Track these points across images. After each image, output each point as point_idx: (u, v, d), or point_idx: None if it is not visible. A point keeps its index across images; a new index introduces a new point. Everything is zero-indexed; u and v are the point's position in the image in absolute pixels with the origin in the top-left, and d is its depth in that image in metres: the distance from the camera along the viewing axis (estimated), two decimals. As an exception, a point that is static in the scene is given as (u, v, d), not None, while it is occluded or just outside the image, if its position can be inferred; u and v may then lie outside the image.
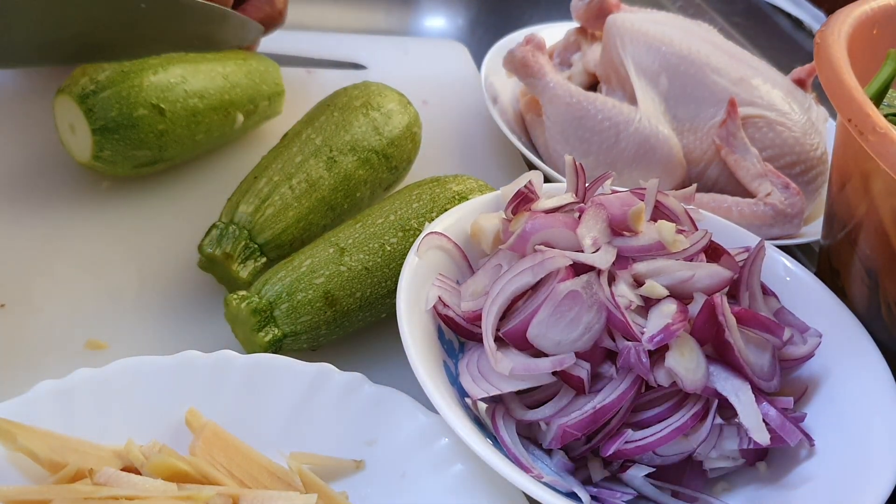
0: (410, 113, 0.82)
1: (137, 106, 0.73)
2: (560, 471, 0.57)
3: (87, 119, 0.73)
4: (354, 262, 0.66)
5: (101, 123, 0.73)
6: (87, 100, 0.72)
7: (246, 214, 0.69)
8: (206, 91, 0.79)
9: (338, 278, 0.65)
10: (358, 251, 0.67)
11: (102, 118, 0.73)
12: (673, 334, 0.54)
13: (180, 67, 0.77)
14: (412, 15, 1.34)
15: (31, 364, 0.63)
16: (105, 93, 0.73)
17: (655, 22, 0.96)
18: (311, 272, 0.65)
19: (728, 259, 0.63)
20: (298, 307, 0.64)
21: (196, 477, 0.52)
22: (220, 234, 0.69)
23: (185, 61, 0.78)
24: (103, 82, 0.73)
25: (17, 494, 0.48)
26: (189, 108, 0.77)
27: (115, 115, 0.73)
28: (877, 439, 0.58)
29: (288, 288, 0.64)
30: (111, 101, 0.73)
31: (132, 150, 0.75)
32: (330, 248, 0.67)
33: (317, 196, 0.72)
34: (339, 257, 0.66)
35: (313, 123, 0.77)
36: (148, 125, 0.74)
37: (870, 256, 0.65)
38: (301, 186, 0.72)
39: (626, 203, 0.61)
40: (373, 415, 0.59)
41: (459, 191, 0.74)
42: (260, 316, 0.63)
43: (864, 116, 0.58)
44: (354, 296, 0.66)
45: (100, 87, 0.73)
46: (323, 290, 0.65)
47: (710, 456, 0.59)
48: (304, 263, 0.66)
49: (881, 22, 0.73)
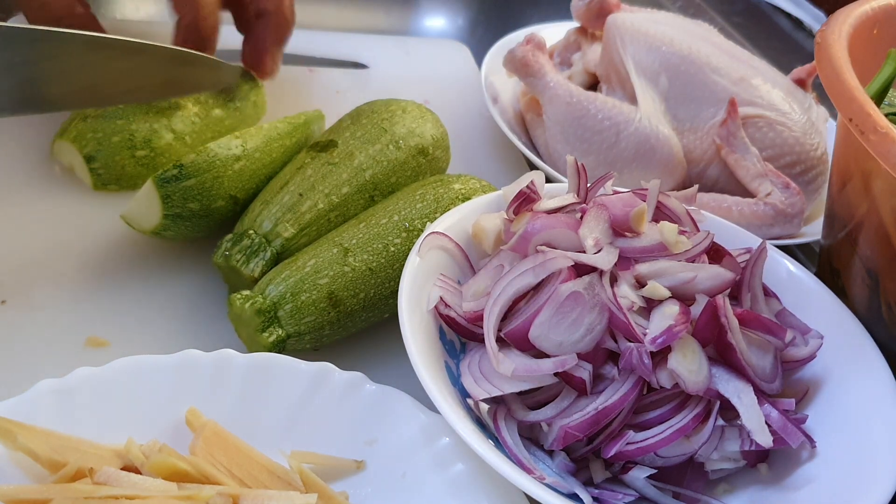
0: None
1: (218, 198, 0.70)
2: (561, 472, 0.57)
3: (163, 204, 0.68)
4: (358, 262, 0.66)
5: (176, 211, 0.68)
6: (167, 185, 0.67)
7: (282, 239, 0.68)
8: (273, 170, 0.75)
9: (342, 279, 0.65)
10: (362, 251, 0.67)
11: (180, 206, 0.68)
12: (675, 336, 0.54)
13: (259, 150, 0.73)
14: (412, 14, 1.34)
15: (32, 361, 0.63)
16: (188, 181, 0.68)
17: (655, 22, 0.96)
18: (315, 272, 0.65)
19: (730, 260, 0.63)
20: (302, 307, 0.64)
21: (196, 476, 0.52)
22: (252, 251, 0.67)
23: (263, 140, 0.74)
24: (188, 169, 0.68)
25: (17, 494, 0.48)
26: (257, 190, 0.73)
27: (194, 207, 0.69)
28: (878, 441, 0.58)
29: (292, 288, 0.64)
30: (193, 193, 0.68)
31: (196, 232, 0.71)
32: (334, 249, 0.66)
33: None
34: (343, 258, 0.66)
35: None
36: (221, 214, 0.71)
37: (870, 256, 0.65)
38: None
39: (627, 204, 0.61)
40: (373, 414, 0.59)
41: (463, 191, 0.73)
42: (264, 316, 0.63)
43: (864, 116, 0.58)
44: (358, 296, 0.66)
45: (183, 175, 0.68)
46: (327, 291, 0.64)
47: (712, 457, 0.59)
48: (308, 264, 0.65)
49: (882, 22, 0.73)
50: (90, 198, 0.78)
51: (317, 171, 0.71)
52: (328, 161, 0.72)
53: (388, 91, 1.02)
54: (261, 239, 0.68)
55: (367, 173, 0.73)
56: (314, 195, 0.70)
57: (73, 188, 0.78)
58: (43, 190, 0.78)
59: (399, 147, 0.75)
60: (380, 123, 0.76)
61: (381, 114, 0.77)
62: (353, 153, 0.73)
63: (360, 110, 0.78)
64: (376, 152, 0.74)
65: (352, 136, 0.74)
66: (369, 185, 0.73)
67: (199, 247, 0.74)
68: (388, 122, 0.76)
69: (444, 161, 0.81)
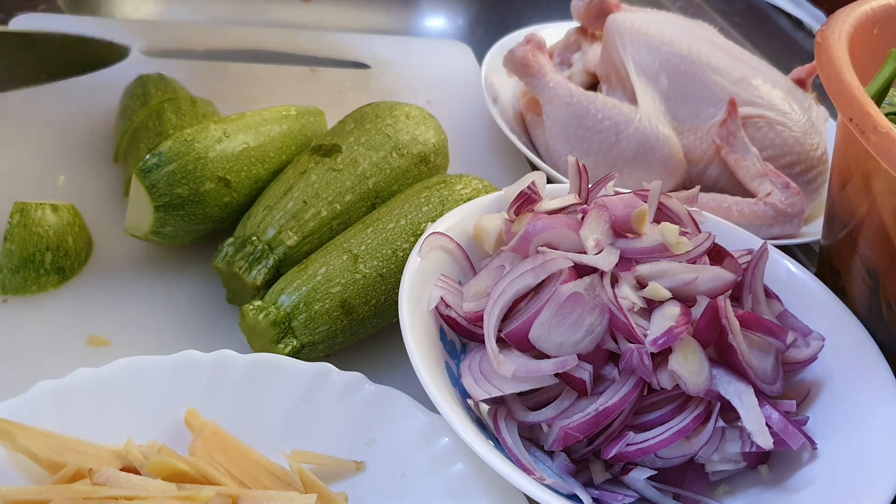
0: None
1: (204, 180, 0.68)
2: (562, 473, 0.57)
3: (151, 196, 0.66)
4: (369, 269, 0.66)
5: (164, 200, 0.67)
6: (148, 175, 0.66)
7: (285, 247, 0.68)
8: (267, 155, 0.73)
9: (353, 286, 0.65)
10: (371, 258, 0.66)
11: (167, 194, 0.67)
12: (676, 337, 0.54)
13: (242, 132, 0.72)
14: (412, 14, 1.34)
15: (34, 359, 0.63)
16: (169, 166, 0.66)
17: (656, 22, 0.96)
18: (328, 281, 0.64)
19: (731, 261, 0.63)
20: (316, 317, 0.64)
21: (195, 477, 0.52)
22: (254, 259, 0.67)
23: (245, 124, 0.73)
24: (167, 155, 0.67)
25: (16, 494, 0.48)
26: (252, 175, 0.72)
27: (182, 192, 0.67)
28: (879, 442, 0.58)
29: (305, 298, 0.63)
30: (177, 177, 0.67)
31: (195, 224, 0.69)
32: (343, 255, 0.66)
33: None
34: (354, 265, 0.65)
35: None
36: (214, 199, 0.69)
37: (870, 256, 0.65)
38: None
39: (629, 205, 0.61)
40: (372, 414, 0.59)
41: (466, 193, 0.73)
42: (279, 328, 0.62)
43: (865, 116, 0.57)
44: (370, 303, 0.66)
45: (163, 161, 0.66)
46: (340, 299, 0.64)
47: (712, 459, 0.59)
48: (320, 272, 0.65)
49: (882, 21, 0.73)
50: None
51: (321, 178, 0.71)
52: (332, 167, 0.71)
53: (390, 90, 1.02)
54: (264, 246, 0.67)
55: (370, 181, 0.72)
56: (318, 203, 0.69)
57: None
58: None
59: (402, 155, 0.75)
60: (384, 129, 0.75)
61: (385, 119, 0.76)
62: (356, 160, 0.72)
63: (364, 113, 0.78)
64: (380, 160, 0.73)
65: (356, 141, 0.74)
66: (371, 193, 0.72)
67: (199, 248, 0.74)
68: (392, 128, 0.76)
69: (444, 167, 0.81)
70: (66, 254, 0.69)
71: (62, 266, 0.69)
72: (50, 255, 0.68)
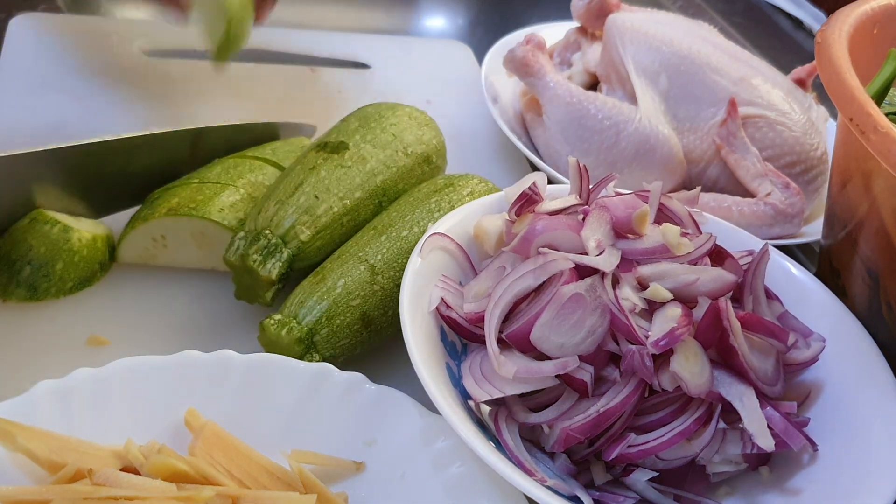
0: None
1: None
2: (562, 474, 0.57)
3: None
4: (386, 280, 0.66)
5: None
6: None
7: (298, 241, 0.67)
8: None
9: (372, 298, 0.65)
10: (388, 268, 0.66)
11: None
12: (678, 338, 0.54)
13: None
14: (412, 14, 1.34)
15: (34, 359, 0.63)
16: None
17: (656, 22, 0.96)
18: (348, 294, 0.64)
19: (732, 263, 0.63)
20: (338, 331, 0.64)
21: (195, 477, 0.52)
22: (268, 252, 0.66)
23: None
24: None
25: (16, 494, 0.48)
26: None
27: None
28: (879, 443, 0.58)
29: (327, 312, 0.63)
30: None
31: None
32: (360, 266, 0.65)
33: None
34: (372, 276, 0.65)
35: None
36: None
37: (871, 256, 0.65)
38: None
39: (630, 206, 0.61)
40: (372, 415, 0.59)
41: (474, 196, 0.73)
42: (303, 345, 0.62)
43: (865, 116, 0.58)
44: (387, 314, 0.66)
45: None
46: (360, 312, 0.64)
47: (713, 460, 0.58)
48: (339, 284, 0.64)
49: (882, 21, 0.73)
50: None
51: (330, 174, 0.70)
52: (340, 164, 0.71)
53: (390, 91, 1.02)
54: (277, 240, 0.67)
55: (378, 178, 0.72)
56: (329, 198, 0.69)
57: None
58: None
59: (408, 154, 0.75)
60: (389, 129, 0.75)
61: (389, 118, 0.76)
62: (364, 157, 0.72)
63: (367, 113, 0.77)
64: (387, 157, 0.73)
65: (362, 139, 0.74)
66: (379, 190, 0.72)
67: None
68: (397, 127, 0.76)
69: (443, 168, 0.81)
70: (47, 276, 0.67)
71: (36, 286, 0.67)
72: (29, 269, 0.67)
